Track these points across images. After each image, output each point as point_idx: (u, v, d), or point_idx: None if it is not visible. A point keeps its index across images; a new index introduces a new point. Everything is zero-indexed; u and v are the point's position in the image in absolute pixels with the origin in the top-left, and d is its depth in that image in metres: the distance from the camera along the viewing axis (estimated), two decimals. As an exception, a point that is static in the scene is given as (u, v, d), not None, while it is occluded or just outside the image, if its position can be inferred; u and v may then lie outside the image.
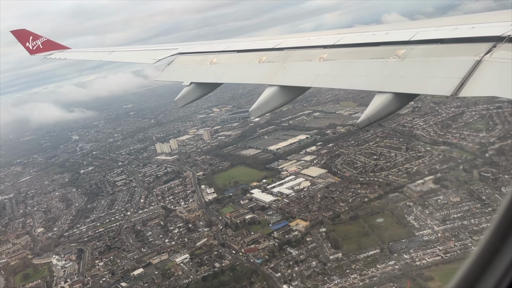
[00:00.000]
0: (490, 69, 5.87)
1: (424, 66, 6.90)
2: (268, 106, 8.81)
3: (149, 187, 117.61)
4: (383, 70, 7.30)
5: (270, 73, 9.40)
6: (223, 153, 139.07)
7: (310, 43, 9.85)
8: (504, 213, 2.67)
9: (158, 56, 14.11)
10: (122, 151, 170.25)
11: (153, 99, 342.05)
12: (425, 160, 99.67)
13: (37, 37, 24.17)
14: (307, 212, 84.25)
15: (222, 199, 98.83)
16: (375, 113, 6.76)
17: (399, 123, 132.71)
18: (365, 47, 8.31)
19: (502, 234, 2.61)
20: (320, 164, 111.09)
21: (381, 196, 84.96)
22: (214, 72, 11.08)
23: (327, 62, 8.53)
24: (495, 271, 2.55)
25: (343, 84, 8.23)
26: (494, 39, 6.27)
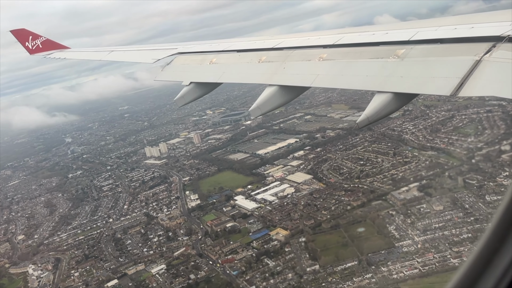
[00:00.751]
0: (490, 69, 5.79)
1: (424, 66, 6.79)
2: (268, 106, 8.65)
3: (135, 193, 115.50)
4: (383, 70, 7.18)
5: (270, 72, 9.27)
6: (211, 158, 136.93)
7: (310, 43, 9.75)
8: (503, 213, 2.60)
9: (157, 55, 13.92)
10: (112, 155, 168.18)
11: (149, 100, 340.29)
12: (411, 166, 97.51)
13: (37, 37, 23.89)
14: (288, 220, 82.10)
15: (205, 206, 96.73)
16: (374, 112, 6.63)
17: (389, 127, 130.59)
18: (365, 47, 8.20)
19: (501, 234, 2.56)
20: (306, 169, 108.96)
21: (364, 204, 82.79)
22: (213, 72, 10.96)
23: (326, 62, 8.43)
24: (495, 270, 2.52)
25: (343, 84, 8.12)
26: (493, 39, 6.20)
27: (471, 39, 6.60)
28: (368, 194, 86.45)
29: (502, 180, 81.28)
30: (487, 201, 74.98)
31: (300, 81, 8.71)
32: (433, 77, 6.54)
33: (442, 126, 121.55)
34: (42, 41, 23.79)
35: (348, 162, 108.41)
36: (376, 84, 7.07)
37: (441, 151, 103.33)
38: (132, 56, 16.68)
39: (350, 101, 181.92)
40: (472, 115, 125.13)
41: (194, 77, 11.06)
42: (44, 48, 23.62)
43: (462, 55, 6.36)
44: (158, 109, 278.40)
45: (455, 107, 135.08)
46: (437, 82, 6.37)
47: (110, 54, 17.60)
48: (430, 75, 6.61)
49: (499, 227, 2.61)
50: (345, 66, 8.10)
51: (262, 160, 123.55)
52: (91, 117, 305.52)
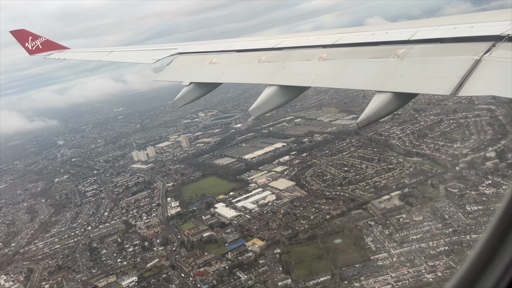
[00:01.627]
0: (490, 68, 5.72)
1: (424, 66, 6.68)
2: (268, 106, 8.54)
3: (117, 199, 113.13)
4: (383, 69, 7.11)
5: (270, 72, 9.17)
6: (197, 162, 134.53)
7: (310, 43, 9.63)
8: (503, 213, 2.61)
9: (157, 56, 13.75)
10: (100, 158, 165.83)
11: (144, 102, 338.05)
12: (395, 173, 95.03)
13: (36, 37, 23.76)
14: (266, 230, 79.66)
15: (185, 213, 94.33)
16: (374, 112, 6.51)
17: (377, 132, 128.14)
18: (365, 47, 8.11)
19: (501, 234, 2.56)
20: (290, 175, 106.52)
21: (344, 213, 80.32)
22: (213, 72, 10.83)
23: (326, 62, 8.33)
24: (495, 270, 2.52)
25: (343, 83, 8.02)
26: (493, 38, 6.13)
27: (470, 38, 6.51)
28: (349, 203, 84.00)
29: (484, 189, 78.81)
30: (467, 211, 72.53)
31: (300, 81, 8.59)
32: (433, 77, 6.41)
33: (430, 131, 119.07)
34: (41, 42, 23.65)
35: (332, 168, 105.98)
36: (376, 83, 6.94)
37: (426, 158, 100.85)
38: (132, 56, 16.44)
39: (341, 104, 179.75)
40: (460, 119, 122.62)
41: (194, 77, 10.92)
42: (44, 48, 23.47)
43: (461, 54, 6.24)
44: (152, 111, 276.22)
45: (444, 111, 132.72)
46: (437, 82, 6.25)
47: (109, 55, 17.39)
48: (430, 75, 6.48)
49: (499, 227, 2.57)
50: (345, 66, 7.98)
51: (247, 165, 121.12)
52: (86, 118, 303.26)
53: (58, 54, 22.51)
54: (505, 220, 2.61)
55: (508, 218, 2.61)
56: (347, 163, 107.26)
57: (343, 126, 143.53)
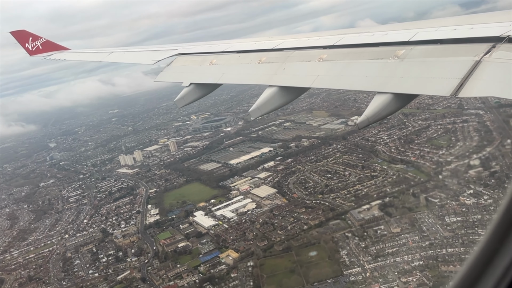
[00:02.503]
0: (490, 69, 5.67)
1: (424, 67, 6.61)
2: (268, 106, 8.40)
3: (99, 205, 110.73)
4: (383, 70, 7.03)
5: (270, 73, 9.05)
6: (183, 167, 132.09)
7: (310, 44, 9.55)
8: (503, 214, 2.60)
9: (157, 56, 13.59)
10: (88, 162, 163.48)
11: (139, 104, 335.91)
12: (378, 181, 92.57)
13: (37, 38, 23.58)
14: (242, 240, 77.20)
15: (163, 222, 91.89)
16: (374, 113, 6.43)
17: (364, 137, 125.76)
18: (365, 48, 8.01)
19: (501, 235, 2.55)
20: (273, 182, 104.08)
21: (322, 224, 77.88)
22: (213, 73, 10.72)
23: (326, 63, 8.25)
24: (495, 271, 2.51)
25: (343, 84, 7.94)
26: (493, 39, 6.08)
27: (471, 39, 6.42)
28: (328, 212, 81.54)
29: (465, 200, 76.34)
30: (446, 223, 70.07)
31: (300, 81, 8.51)
32: (433, 78, 6.31)
33: (416, 137, 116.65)
34: (42, 42, 23.43)
35: (315, 175, 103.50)
36: (376, 84, 6.85)
37: (410, 165, 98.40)
38: (132, 57, 16.19)
39: (331, 108, 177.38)
40: (448, 125, 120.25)
41: (194, 78, 10.80)
42: (44, 49, 23.25)
43: (462, 55, 6.17)
44: (146, 113, 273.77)
45: (432, 116, 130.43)
46: (437, 83, 6.14)
47: (110, 56, 17.20)
48: (430, 76, 6.40)
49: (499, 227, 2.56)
50: (345, 66, 7.90)
51: (231, 171, 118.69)
52: (80, 120, 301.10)
53: (58, 54, 22.24)
54: (505, 221, 2.58)
55: (508, 219, 2.58)
56: (331, 169, 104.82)
57: (331, 131, 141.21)
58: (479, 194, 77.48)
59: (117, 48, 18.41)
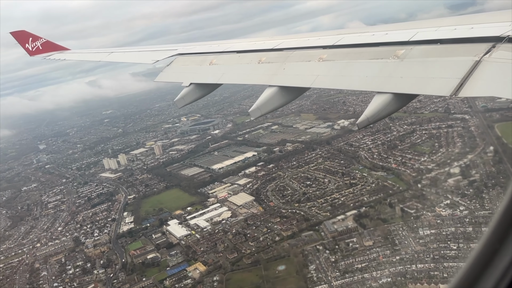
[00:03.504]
0: (490, 69, 5.64)
1: (424, 67, 6.57)
2: (268, 106, 8.30)
3: (76, 211, 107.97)
4: (383, 70, 6.97)
5: (270, 73, 8.95)
6: (165, 172, 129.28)
7: (310, 44, 9.40)
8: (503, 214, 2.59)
9: (157, 57, 13.41)
10: (74, 165, 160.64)
11: (133, 105, 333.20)
12: (356, 190, 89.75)
13: (37, 38, 23.43)
14: (212, 252, 74.40)
15: (136, 231, 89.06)
16: (374, 113, 6.36)
17: (347, 142, 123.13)
18: (365, 48, 7.93)
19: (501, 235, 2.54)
20: (252, 189, 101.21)
21: (294, 235, 75.08)
22: (213, 73, 10.54)
23: (326, 63, 8.12)
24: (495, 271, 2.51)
25: (343, 84, 7.82)
26: (493, 39, 6.04)
27: (470, 39, 6.38)
28: (302, 223, 78.70)
29: (441, 211, 73.58)
30: (419, 236, 67.29)
31: (300, 81, 8.35)
32: (433, 78, 6.26)
33: (400, 142, 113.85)
34: (42, 43, 23.26)
35: (295, 182, 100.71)
36: (376, 84, 6.77)
37: (390, 172, 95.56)
38: (132, 57, 16.07)
39: (320, 111, 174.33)
40: (433, 130, 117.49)
41: (194, 78, 10.65)
42: (44, 49, 23.07)
43: (462, 55, 6.14)
44: (138, 114, 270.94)
45: (418, 120, 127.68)
46: (437, 83, 6.11)
47: (110, 56, 17.10)
48: (430, 76, 6.32)
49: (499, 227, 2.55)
50: (345, 66, 7.81)
51: (212, 177, 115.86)
52: (73, 121, 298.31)
53: (58, 55, 22.01)
54: (504, 221, 2.54)
55: (508, 219, 2.54)
56: (311, 176, 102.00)
57: (316, 135, 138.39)
58: (456, 204, 74.70)
59: (117, 48, 18.43)
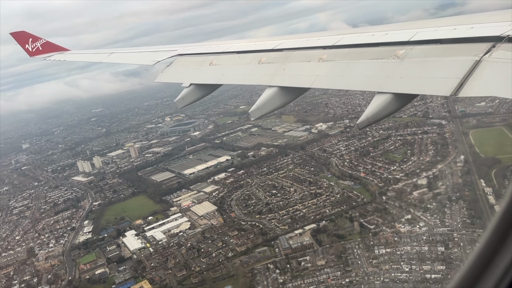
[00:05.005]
0: (490, 69, 5.58)
1: (424, 67, 6.49)
2: (268, 107, 8.19)
3: (39, 218, 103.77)
4: (383, 70, 6.87)
5: (270, 74, 8.83)
6: (135, 177, 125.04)
7: (310, 44, 9.31)
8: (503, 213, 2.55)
9: (157, 57, 13.26)
10: (50, 167, 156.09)
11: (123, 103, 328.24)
12: (320, 200, 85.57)
13: (37, 39, 23.22)
14: (162, 269, 70.22)
15: (93, 242, 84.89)
16: (374, 113, 6.27)
17: (322, 147, 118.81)
18: (365, 48, 7.84)
19: (501, 234, 2.52)
20: (217, 198, 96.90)
21: (248, 251, 70.98)
22: (213, 73, 10.44)
23: (326, 63, 8.05)
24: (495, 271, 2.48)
25: (343, 84, 7.81)
26: (493, 39, 5.97)
27: (470, 39, 6.32)
28: (259, 237, 74.53)
29: (400, 226, 69.41)
30: (374, 255, 63.15)
31: (300, 82, 8.23)
32: (433, 78, 6.20)
33: (373, 149, 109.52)
34: (42, 43, 23.02)
35: (261, 190, 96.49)
36: (376, 84, 6.68)
37: (358, 182, 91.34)
38: (132, 58, 15.89)
39: (301, 113, 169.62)
40: (408, 136, 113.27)
41: (194, 79, 10.57)
42: (44, 50, 22.85)
43: (461, 55, 6.06)
44: (125, 113, 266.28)
45: (395, 125, 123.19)
46: (437, 83, 6.03)
47: (110, 56, 17.07)
48: (430, 76, 6.27)
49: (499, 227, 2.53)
50: (345, 67, 7.74)
51: (180, 183, 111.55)
52: (62, 119, 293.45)
53: (58, 55, 21.76)
54: (505, 221, 2.50)
55: (508, 219, 2.50)
56: (278, 184, 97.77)
57: (293, 139, 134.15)
58: (416, 220, 70.56)
59: (117, 49, 18.05)
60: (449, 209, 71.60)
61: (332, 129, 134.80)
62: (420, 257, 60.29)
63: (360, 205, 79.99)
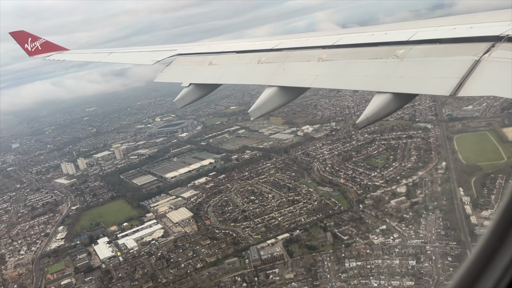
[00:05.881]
0: (489, 68, 5.51)
1: (423, 66, 6.42)
2: (268, 106, 8.07)
3: (16, 223, 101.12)
4: (382, 70, 6.81)
5: (269, 73, 8.76)
6: (117, 180, 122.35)
7: (309, 44, 9.20)
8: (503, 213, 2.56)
9: (156, 57, 13.05)
10: (35, 169, 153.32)
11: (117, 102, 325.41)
12: (297, 208, 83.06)
13: (36, 39, 23.03)
14: (128, 280, 67.68)
15: (64, 249, 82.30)
16: (374, 113, 6.18)
17: (306, 151, 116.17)
18: (364, 48, 7.77)
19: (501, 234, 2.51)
20: (194, 203, 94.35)
21: (218, 262, 68.42)
22: (213, 73, 10.32)
23: (326, 63, 7.96)
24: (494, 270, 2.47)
25: (342, 84, 7.64)
26: (492, 38, 5.91)
27: (470, 39, 6.25)
28: (230, 247, 71.95)
29: (374, 238, 66.83)
30: (344, 268, 60.55)
31: (299, 81, 8.17)
32: (433, 77, 6.11)
33: (356, 154, 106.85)
34: (41, 43, 22.88)
35: (239, 196, 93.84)
36: (376, 84, 6.61)
37: (337, 188, 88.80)
38: (131, 57, 15.71)
39: (289, 114, 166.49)
40: (392, 140, 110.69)
41: (193, 78, 10.47)
42: (43, 49, 22.72)
43: (461, 55, 6.00)
44: (118, 113, 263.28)
45: (381, 129, 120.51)
46: (437, 82, 5.97)
47: (109, 56, 16.88)
48: (429, 75, 6.18)
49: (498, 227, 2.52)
50: (345, 66, 7.64)
51: (160, 187, 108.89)
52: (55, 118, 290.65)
53: (57, 55, 21.73)
54: (504, 220, 2.50)
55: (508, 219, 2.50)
56: (257, 190, 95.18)
57: (278, 142, 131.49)
58: (391, 231, 68.04)
59: (117, 49, 17.78)
60: (425, 220, 69.06)
61: (318, 132, 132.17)
62: (390, 272, 57.74)
63: (336, 214, 77.43)
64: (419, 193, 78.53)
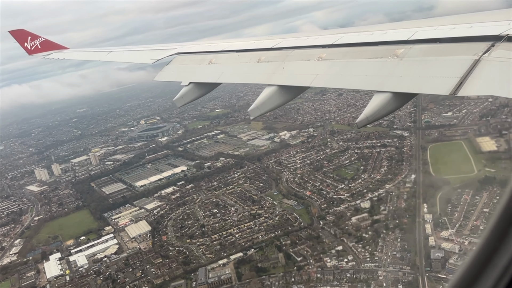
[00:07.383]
0: (489, 68, 5.41)
1: (423, 66, 6.27)
2: (267, 106, 7.88)
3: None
4: (382, 69, 6.68)
5: (269, 72, 8.54)
6: (87, 188, 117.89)
7: (309, 43, 8.97)
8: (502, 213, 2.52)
9: (156, 56, 12.86)
10: (11, 174, 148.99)
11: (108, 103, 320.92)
12: (257, 223, 78.55)
13: (36, 37, 22.59)
14: (69, 303, 63.31)
15: (14, 266, 77.98)
16: (374, 112, 6.06)
17: (278, 159, 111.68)
18: (364, 47, 7.61)
19: (500, 233, 2.48)
20: (156, 216, 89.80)
21: (164, 284, 63.96)
22: (212, 72, 10.12)
23: (325, 62, 7.80)
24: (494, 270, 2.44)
25: (342, 83, 7.53)
26: (492, 38, 5.78)
27: (470, 38, 6.10)
28: (179, 267, 67.50)
29: (327, 260, 62.28)
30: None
31: (299, 81, 7.98)
32: (432, 77, 5.99)
33: (328, 163, 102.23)
34: (41, 42, 22.40)
35: (202, 209, 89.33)
36: (375, 83, 6.49)
37: (302, 202, 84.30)
38: (131, 56, 15.45)
39: (271, 119, 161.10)
40: (366, 149, 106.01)
41: (193, 77, 10.23)
42: (43, 48, 22.28)
43: (461, 54, 5.85)
44: (105, 114, 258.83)
45: (357, 136, 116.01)
46: (436, 82, 5.82)
47: (109, 55, 16.48)
48: (429, 75, 6.05)
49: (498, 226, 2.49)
50: (344, 66, 7.49)
51: (126, 197, 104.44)
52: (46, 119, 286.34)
53: (57, 54, 21.14)
54: (504, 220, 2.46)
55: (508, 218, 2.46)
56: (222, 202, 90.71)
57: (254, 148, 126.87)
58: (346, 252, 63.50)
59: (116, 48, 17.39)
60: (383, 240, 64.46)
61: (295, 138, 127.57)
62: (336, 301, 53.25)
63: (295, 231, 72.90)
64: (382, 209, 73.94)
